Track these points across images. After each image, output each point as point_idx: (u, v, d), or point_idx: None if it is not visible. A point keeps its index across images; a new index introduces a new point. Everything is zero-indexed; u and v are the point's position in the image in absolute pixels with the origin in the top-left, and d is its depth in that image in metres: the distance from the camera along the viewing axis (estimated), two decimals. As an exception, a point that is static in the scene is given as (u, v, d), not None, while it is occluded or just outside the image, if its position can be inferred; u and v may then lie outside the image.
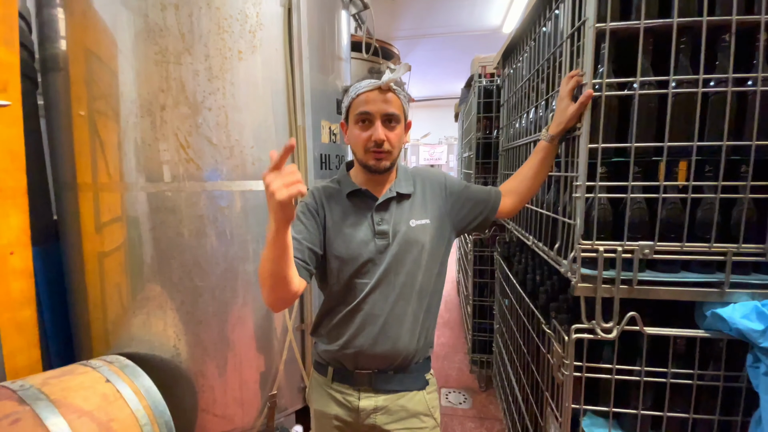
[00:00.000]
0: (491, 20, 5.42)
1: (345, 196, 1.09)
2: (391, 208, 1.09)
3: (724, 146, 0.97)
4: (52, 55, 1.48)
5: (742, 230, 0.98)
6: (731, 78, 0.96)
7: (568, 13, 1.13)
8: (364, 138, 1.02)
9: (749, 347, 0.97)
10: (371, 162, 1.04)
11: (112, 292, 1.50)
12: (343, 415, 1.10)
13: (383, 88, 1.00)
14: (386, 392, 1.09)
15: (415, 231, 1.07)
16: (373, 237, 1.06)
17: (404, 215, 1.09)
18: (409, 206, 1.10)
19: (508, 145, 2.04)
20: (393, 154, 1.05)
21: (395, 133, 1.04)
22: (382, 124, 1.01)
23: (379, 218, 1.07)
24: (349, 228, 1.07)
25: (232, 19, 1.43)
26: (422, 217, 1.10)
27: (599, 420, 1.18)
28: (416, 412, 1.11)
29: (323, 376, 1.14)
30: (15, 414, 1.06)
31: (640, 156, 1.02)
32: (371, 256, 1.05)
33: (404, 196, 1.11)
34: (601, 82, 1.00)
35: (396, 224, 1.07)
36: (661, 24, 0.98)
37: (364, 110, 1.01)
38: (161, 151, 1.41)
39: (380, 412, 1.09)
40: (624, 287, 1.03)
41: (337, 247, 1.06)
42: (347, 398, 1.10)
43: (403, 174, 1.15)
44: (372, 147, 1.02)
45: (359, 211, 1.09)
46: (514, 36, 1.79)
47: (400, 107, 1.04)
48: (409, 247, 1.06)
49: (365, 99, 1.01)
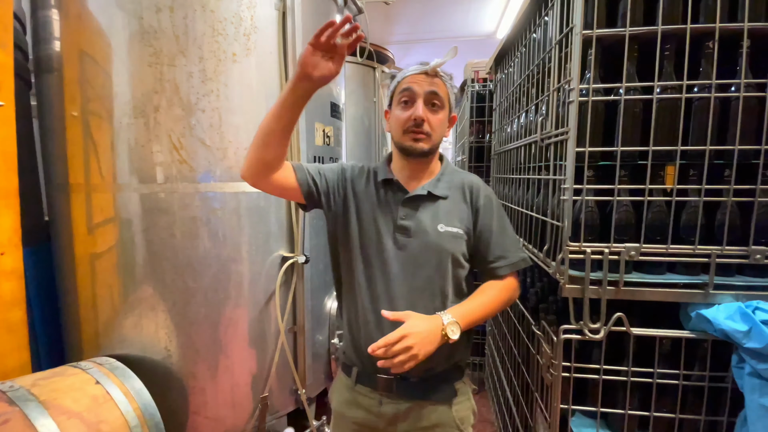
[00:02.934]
0: (485, 26, 5.47)
1: (377, 182, 1.07)
2: (421, 206, 1.04)
3: (708, 150, 0.99)
4: (46, 56, 1.48)
5: (725, 233, 1.00)
6: (714, 84, 0.98)
7: (556, 20, 1.15)
8: (404, 117, 1.00)
9: (733, 348, 0.98)
10: (408, 143, 1.01)
11: (103, 294, 1.49)
12: (365, 420, 1.07)
13: (430, 72, 1.00)
14: (409, 400, 1.04)
15: (442, 237, 1.01)
16: (394, 231, 1.03)
17: (433, 217, 1.03)
18: (442, 209, 1.04)
19: (500, 148, 2.06)
20: (432, 138, 1.01)
21: (437, 116, 1.01)
22: (425, 105, 0.99)
23: (404, 213, 1.03)
24: (372, 212, 1.05)
25: (226, 22, 1.44)
26: (453, 224, 1.03)
27: (587, 420, 1.19)
28: (440, 423, 1.04)
29: (347, 377, 1.11)
30: (4, 415, 1.05)
31: (626, 160, 1.04)
32: (389, 249, 1.02)
33: (437, 197, 1.05)
34: (588, 88, 1.03)
35: (420, 223, 1.02)
36: (646, 31, 1.00)
37: (407, 86, 1.00)
38: (154, 153, 1.42)
39: (402, 420, 1.04)
40: (611, 288, 1.04)
41: (356, 226, 1.05)
42: (369, 402, 1.06)
43: (446, 174, 1.09)
44: (411, 126, 0.99)
45: (387, 200, 1.06)
46: (505, 42, 1.82)
47: (446, 94, 1.02)
48: (433, 251, 1.01)
49: (410, 80, 1.01)
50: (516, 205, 1.63)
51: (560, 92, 1.15)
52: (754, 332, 0.91)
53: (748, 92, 0.98)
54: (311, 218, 1.71)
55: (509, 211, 1.75)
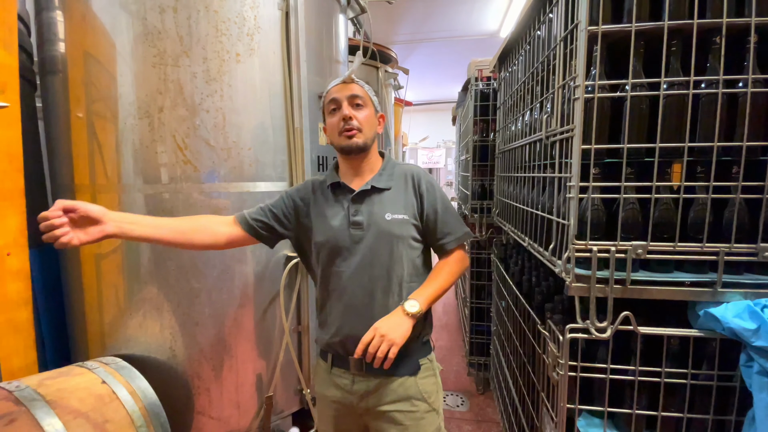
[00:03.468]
0: (489, 25, 5.46)
1: (325, 189, 1.20)
2: (368, 201, 1.15)
3: (716, 147, 0.98)
4: (50, 58, 1.48)
5: (734, 230, 0.99)
6: (722, 80, 0.97)
7: (561, 17, 1.14)
8: (335, 121, 1.14)
9: (742, 346, 0.97)
10: (344, 142, 1.13)
11: (108, 294, 1.50)
12: (341, 398, 1.17)
13: (346, 81, 1.15)
14: (377, 376, 1.13)
15: (390, 224, 1.12)
16: (348, 226, 1.13)
17: (380, 208, 1.14)
18: (387, 200, 1.15)
19: (504, 147, 2.05)
20: (364, 132, 1.14)
21: (363, 113, 1.14)
22: (349, 105, 1.13)
23: (354, 209, 1.14)
24: (327, 216, 1.16)
25: (230, 22, 1.44)
26: (398, 211, 1.14)
27: (594, 420, 1.18)
28: (407, 396, 1.14)
29: (324, 362, 1.21)
30: (11, 414, 1.06)
31: (632, 157, 1.03)
32: (346, 245, 1.12)
33: (381, 190, 1.16)
34: (594, 84, 1.02)
35: (371, 216, 1.13)
36: (652, 27, 0.99)
37: (332, 98, 1.14)
38: (159, 153, 1.42)
39: (372, 395, 1.14)
40: (618, 287, 1.03)
41: (316, 233, 1.17)
42: (344, 382, 1.16)
43: (387, 169, 1.20)
44: (343, 126, 1.12)
45: (338, 201, 1.17)
46: (509, 40, 1.81)
47: (366, 95, 1.16)
48: (385, 239, 1.11)
49: (333, 91, 1.15)
50: (521, 203, 1.62)
51: (565, 89, 1.14)
52: (762, 330, 0.90)
53: (756, 88, 0.97)
54: (315, 218, 1.71)
55: (514, 210, 1.75)
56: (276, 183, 1.60)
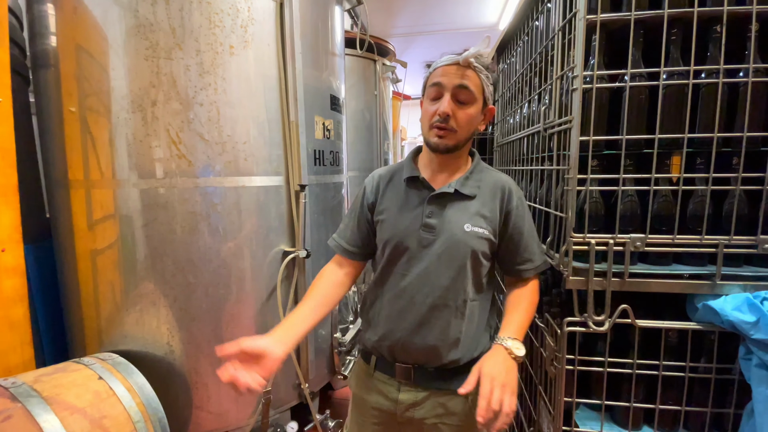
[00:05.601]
0: (487, 17, 5.40)
1: (402, 180, 1.08)
2: (447, 204, 1.02)
3: (716, 138, 0.97)
4: (42, 52, 1.46)
5: (733, 222, 0.98)
6: (722, 69, 0.96)
7: (559, 6, 1.12)
8: (431, 112, 1.00)
9: (741, 339, 0.97)
10: (432, 139, 1.00)
11: (105, 290, 1.49)
12: (382, 405, 1.09)
13: (462, 63, 0.95)
14: (426, 388, 1.06)
15: (468, 237, 1.00)
16: (420, 228, 1.02)
17: (460, 216, 1.01)
18: (470, 209, 1.02)
19: (502, 140, 2.04)
20: (459, 135, 0.99)
21: (465, 112, 0.98)
22: (452, 99, 0.96)
23: (429, 210, 1.02)
24: (398, 213, 1.05)
25: (223, 14, 1.42)
26: (480, 224, 1.01)
27: (592, 413, 1.18)
28: (456, 412, 1.06)
29: (366, 364, 1.14)
30: (7, 411, 1.05)
31: (631, 148, 1.02)
32: (413, 247, 1.02)
33: (465, 196, 1.02)
34: (592, 74, 1.00)
35: (447, 222, 1.01)
36: (651, 15, 0.98)
37: (437, 81, 0.98)
38: (153, 148, 1.40)
39: (418, 408, 1.06)
40: (616, 280, 1.03)
41: (383, 228, 1.07)
42: (388, 389, 1.09)
43: (476, 173, 1.07)
44: (436, 122, 0.98)
45: (413, 198, 1.05)
46: (507, 31, 1.79)
47: (478, 87, 0.98)
48: (459, 250, 1.00)
49: (441, 72, 0.98)
50: (519, 196, 1.60)
51: (563, 80, 1.13)
52: (762, 323, 0.89)
53: (757, 77, 0.95)
54: (312, 213, 1.70)
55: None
56: (272, 177, 1.58)
